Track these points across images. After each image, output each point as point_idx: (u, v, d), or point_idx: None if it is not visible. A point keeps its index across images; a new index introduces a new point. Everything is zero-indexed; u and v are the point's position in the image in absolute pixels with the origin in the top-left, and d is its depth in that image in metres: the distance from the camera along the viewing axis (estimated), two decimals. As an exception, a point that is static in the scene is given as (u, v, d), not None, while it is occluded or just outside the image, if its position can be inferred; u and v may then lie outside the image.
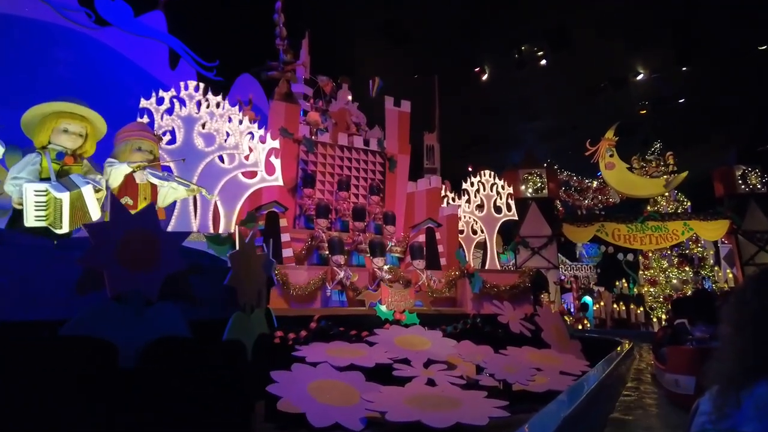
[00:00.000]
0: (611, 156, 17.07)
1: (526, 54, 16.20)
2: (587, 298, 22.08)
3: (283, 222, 7.55)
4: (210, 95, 4.94)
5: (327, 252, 7.71)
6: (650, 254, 19.75)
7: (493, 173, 8.62)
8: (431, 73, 15.41)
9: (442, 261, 8.59)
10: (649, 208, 15.44)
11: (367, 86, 12.05)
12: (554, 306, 11.71)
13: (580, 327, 19.37)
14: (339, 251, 7.05)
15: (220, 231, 6.70)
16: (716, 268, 18.02)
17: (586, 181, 19.19)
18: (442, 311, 7.44)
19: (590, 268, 28.08)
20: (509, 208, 8.59)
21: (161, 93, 4.62)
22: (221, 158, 5.94)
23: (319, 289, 7.06)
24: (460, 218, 9.44)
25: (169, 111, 4.69)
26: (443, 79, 16.25)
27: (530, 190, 13.47)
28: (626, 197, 16.54)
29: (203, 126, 4.99)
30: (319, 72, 10.92)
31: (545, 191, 13.65)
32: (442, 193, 10.22)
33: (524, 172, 13.75)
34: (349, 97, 10.70)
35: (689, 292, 16.08)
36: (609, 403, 4.90)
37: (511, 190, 8.67)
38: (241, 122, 5.95)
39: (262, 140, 7.21)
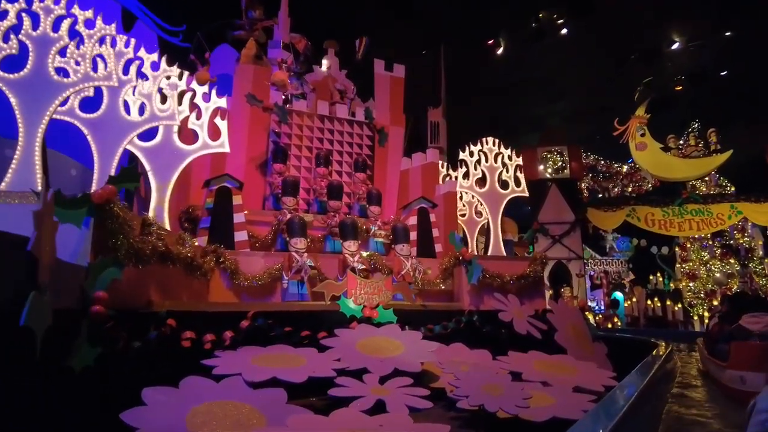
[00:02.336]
0: (643, 135, 15.23)
1: (544, 22, 14.51)
2: (618, 294, 20.24)
3: (237, 199, 6.27)
4: (77, 8, 3.64)
5: (292, 236, 6.39)
6: (688, 245, 17.78)
7: (497, 141, 7.13)
8: (439, 46, 13.92)
9: (438, 248, 7.18)
10: (690, 185, 13.49)
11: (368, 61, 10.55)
12: (577, 302, 10.14)
13: (609, 326, 17.59)
14: (299, 233, 5.72)
15: (152, 208, 5.48)
16: (766, 260, 15.95)
17: (616, 165, 17.35)
18: (431, 307, 6.02)
19: (621, 262, 26.10)
20: (518, 183, 7.10)
21: (4, 4, 3.34)
22: (128, 109, 4.65)
23: (279, 280, 5.76)
24: (460, 197, 8.00)
25: (16, 29, 3.42)
26: (452, 54, 14.75)
27: (549, 170, 11.84)
28: (661, 181, 14.67)
29: (64, 52, 3.67)
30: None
31: (567, 171, 11.99)
32: (443, 171, 8.80)
33: (543, 150, 12.09)
34: (325, 63, 9.33)
35: (735, 287, 14.14)
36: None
37: (520, 160, 7.17)
38: (127, 46, 4.53)
39: (206, 99, 5.95)
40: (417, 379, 4.13)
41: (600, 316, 20.28)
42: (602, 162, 17.21)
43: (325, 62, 8.81)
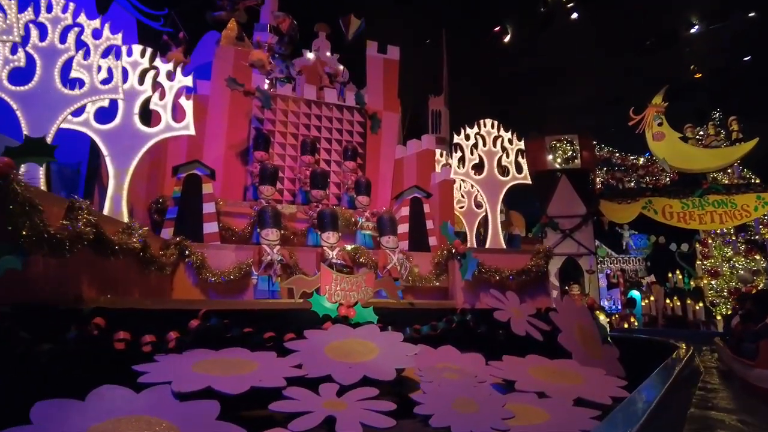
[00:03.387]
0: (660, 125, 14.37)
1: (552, 5, 13.75)
2: (634, 293, 19.36)
3: (207, 188, 5.74)
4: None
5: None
6: (710, 241, 16.83)
7: (496, 123, 6.49)
8: (443, 34, 13.26)
9: (432, 241, 6.56)
10: (711, 176, 12.57)
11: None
12: (586, 300, 9.43)
13: (626, 326, 16.74)
14: (271, 224, 5.15)
15: (108, 197, 4.97)
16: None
17: (632, 157, 16.48)
18: (420, 305, 5.41)
19: (639, 260, 25.11)
20: (520, 169, 6.44)
21: None
22: (69, 84, 4.13)
23: (251, 276, 5.21)
24: (458, 186, 7.37)
25: None
26: (456, 41, 14.09)
27: (559, 160, 11.09)
28: (679, 173, 13.79)
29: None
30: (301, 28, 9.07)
31: (578, 161, 11.23)
32: (443, 160, 8.20)
33: (552, 138, 11.35)
34: (310, 54, 8.75)
35: (762, 285, 13.23)
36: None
37: (522, 144, 6.51)
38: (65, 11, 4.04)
39: (171, 78, 5.41)
40: (391, 388, 3.54)
41: (616, 315, 19.43)
42: (617, 154, 16.37)
43: (310, 55, 8.23)
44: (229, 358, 3.53)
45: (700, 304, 15.67)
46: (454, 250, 5.57)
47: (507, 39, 14.57)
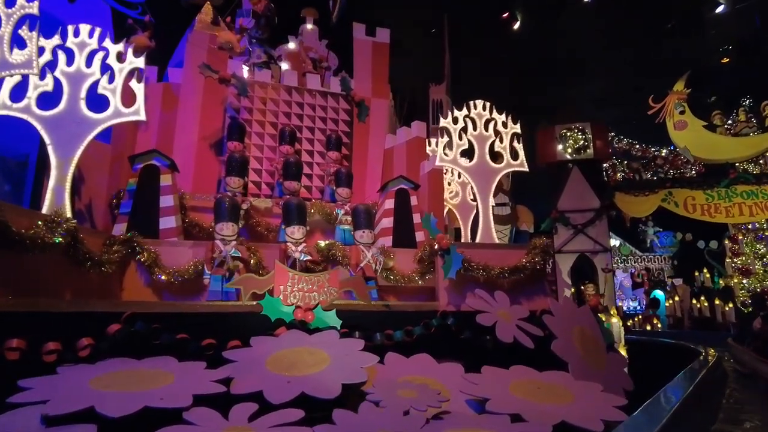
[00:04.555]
0: (682, 113, 13.38)
1: (564, -13, 12.95)
2: (658, 293, 18.35)
3: (165, 180, 5.25)
4: None
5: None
6: (740, 237, 15.71)
7: (489, 105, 5.83)
8: (448, 22, 12.61)
9: (419, 236, 5.94)
10: (738, 165, 11.54)
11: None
12: (604, 301, 8.65)
13: (648, 327, 15.80)
14: (227, 217, 4.62)
15: (50, 188, 4.52)
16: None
17: (653, 149, 15.48)
18: (397, 307, 4.81)
19: (665, 259, 23.91)
20: (515, 155, 5.78)
21: None
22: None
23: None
24: (451, 176, 6.74)
25: None
26: (461, 27, 13.41)
27: (569, 150, 10.28)
28: (703, 163, 12.79)
29: None
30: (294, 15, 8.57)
31: (590, 151, 10.39)
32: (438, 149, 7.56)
33: (562, 127, 10.54)
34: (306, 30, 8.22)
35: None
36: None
37: (518, 128, 5.84)
38: None
39: (121, 58, 4.93)
40: (334, 405, 2.95)
41: (639, 316, 18.41)
42: (637, 146, 15.39)
43: (291, 45, 7.71)
44: (146, 369, 3.01)
45: (731, 305, 14.62)
46: (436, 246, 4.94)
47: (516, 26, 13.78)
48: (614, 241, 23.89)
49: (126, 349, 3.36)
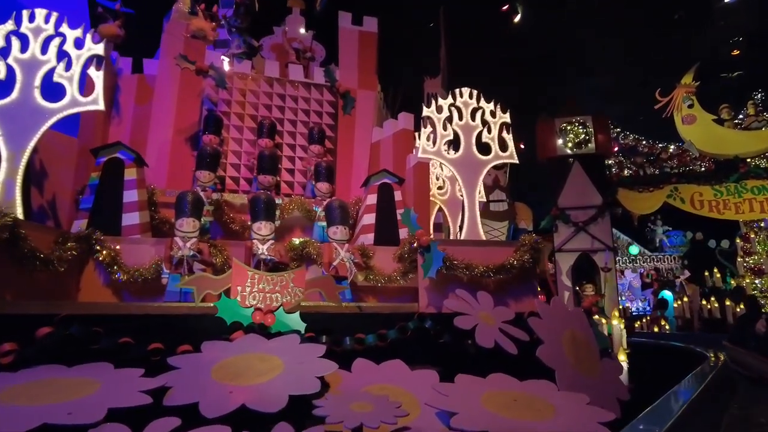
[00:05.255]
0: (690, 107, 12.85)
1: (565, -23, 12.52)
2: (666, 293, 17.85)
3: (130, 174, 4.95)
4: None
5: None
6: (752, 235, 15.16)
7: (476, 93, 5.47)
8: (444, 14, 12.23)
9: (403, 234, 5.59)
10: (749, 161, 11.00)
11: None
12: (603, 302, 8.24)
13: (656, 329, 15.31)
14: (189, 212, 4.32)
15: (0, 181, 4.24)
16: None
17: (659, 145, 14.97)
18: (371, 309, 4.48)
19: (675, 258, 23.34)
20: (504, 147, 5.40)
21: None
22: None
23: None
24: (440, 170, 6.38)
25: None
26: (461, 23, 13.04)
27: (570, 145, 9.86)
28: (713, 159, 12.29)
29: None
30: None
31: (591, 145, 9.94)
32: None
33: (562, 121, 10.11)
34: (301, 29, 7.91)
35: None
36: None
37: (507, 117, 5.47)
38: None
39: (79, 46, 4.64)
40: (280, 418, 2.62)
41: (647, 318, 17.90)
42: (644, 142, 14.88)
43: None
44: (72, 378, 2.70)
45: (742, 306, 14.08)
46: (415, 243, 4.60)
47: (517, 19, 13.38)
48: (626, 241, 23.36)
49: (63, 354, 3.07)
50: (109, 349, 3.18)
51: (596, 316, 5.47)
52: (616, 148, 13.47)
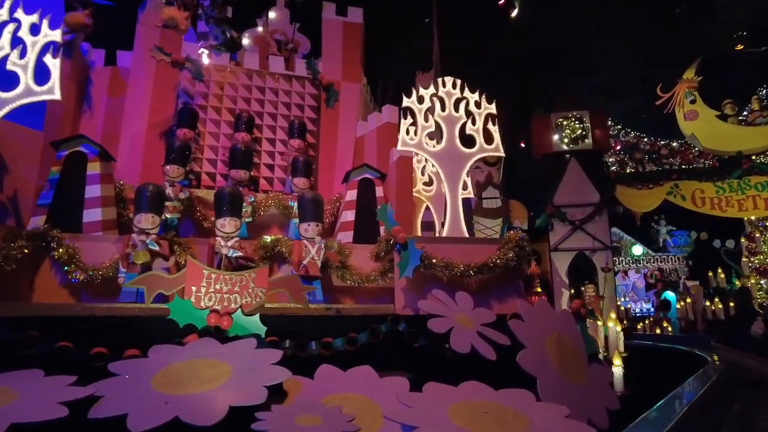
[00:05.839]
0: (693, 102, 12.54)
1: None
2: (669, 294, 17.45)
3: (93, 168, 4.70)
4: None
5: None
6: (757, 234, 14.76)
7: (460, 82, 5.19)
8: (437, 8, 11.94)
9: (384, 231, 5.31)
10: (754, 158, 10.62)
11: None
12: (604, 304, 7.93)
13: (658, 331, 14.91)
14: (149, 207, 4.06)
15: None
16: None
17: (661, 142, 14.62)
18: (342, 311, 4.20)
19: (679, 259, 22.91)
20: (489, 139, 5.12)
21: None
22: None
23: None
24: (424, 164, 6.10)
25: None
26: (457, 18, 12.75)
27: (566, 141, 9.51)
28: (717, 156, 11.94)
29: None
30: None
31: (588, 141, 9.61)
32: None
33: (558, 116, 9.78)
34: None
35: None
36: None
37: (493, 108, 5.18)
38: None
39: (34, 32, 4.38)
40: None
41: (649, 319, 17.50)
42: (645, 140, 14.54)
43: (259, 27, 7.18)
44: (-9, 389, 2.43)
45: (747, 307, 13.68)
46: (391, 240, 4.32)
47: (514, 14, 13.08)
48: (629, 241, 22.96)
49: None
50: (44, 354, 2.92)
51: (590, 319, 5.17)
52: (618, 147, 13.16)
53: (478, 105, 5.18)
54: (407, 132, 4.95)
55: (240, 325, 3.45)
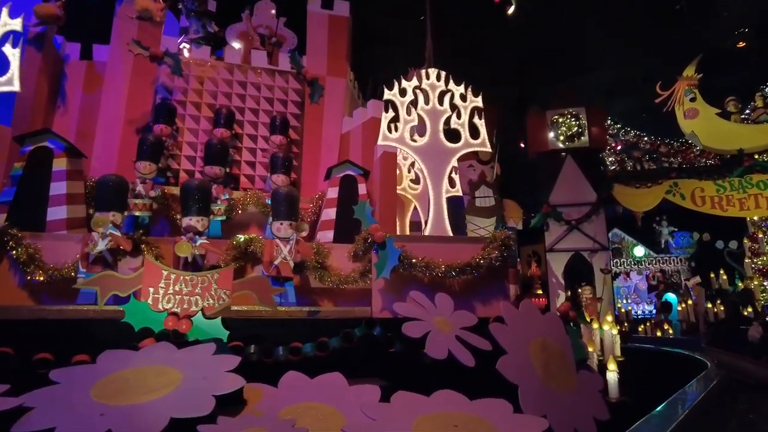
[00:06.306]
0: (693, 100, 12.28)
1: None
2: (670, 296, 17.17)
3: (59, 164, 4.49)
4: None
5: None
6: (761, 235, 14.47)
7: (445, 74, 4.97)
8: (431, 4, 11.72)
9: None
10: (757, 156, 10.33)
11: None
12: (602, 306, 7.67)
13: (659, 334, 14.63)
14: (107, 204, 3.84)
15: None
16: None
17: (664, 141, 14.35)
18: (316, 314, 3.98)
19: (681, 260, 22.63)
20: (475, 134, 4.90)
21: None
22: None
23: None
24: (406, 162, 5.88)
25: None
26: (452, 14, 12.53)
27: (562, 138, 9.26)
28: (718, 155, 11.66)
29: None
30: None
31: (585, 138, 9.35)
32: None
33: (554, 113, 9.53)
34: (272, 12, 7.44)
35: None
36: None
37: (479, 101, 4.96)
38: None
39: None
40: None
41: (650, 321, 17.21)
42: (645, 139, 14.27)
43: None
44: None
45: (750, 309, 13.39)
46: (369, 238, 4.09)
47: (511, 11, 12.86)
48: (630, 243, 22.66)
49: None
50: (-21, 361, 2.71)
51: (583, 323, 4.94)
52: (619, 147, 12.91)
53: (463, 98, 4.96)
54: (389, 126, 4.72)
55: (200, 329, 3.24)
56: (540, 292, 11.74)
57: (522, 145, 14.38)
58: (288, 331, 3.73)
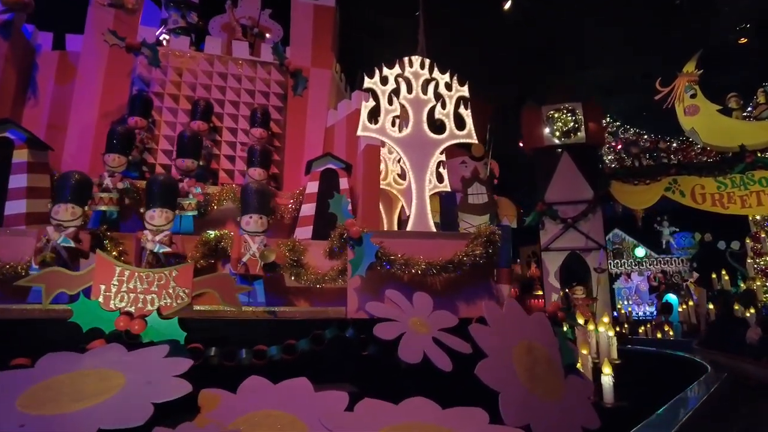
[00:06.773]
0: (693, 97, 12.02)
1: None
2: (671, 297, 16.90)
3: (19, 156, 4.26)
4: None
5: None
6: (763, 235, 14.19)
7: (429, 62, 4.72)
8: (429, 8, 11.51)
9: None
10: (759, 154, 10.05)
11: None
12: (597, 307, 7.42)
13: (659, 335, 14.37)
14: (68, 197, 3.60)
15: None
16: None
17: (663, 138, 14.08)
18: (284, 315, 3.74)
19: (683, 261, 22.37)
20: (461, 125, 4.65)
21: None
22: None
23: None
24: (392, 155, 5.64)
25: None
26: (447, 9, 12.29)
27: (558, 134, 9.00)
28: (719, 152, 11.40)
29: None
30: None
31: (581, 134, 9.07)
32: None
33: (549, 108, 9.27)
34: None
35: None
36: None
37: (465, 91, 4.71)
38: None
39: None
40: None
41: (651, 322, 16.94)
42: (645, 137, 14.01)
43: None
44: None
45: (752, 310, 13.11)
46: (345, 234, 3.85)
47: (507, 6, 12.62)
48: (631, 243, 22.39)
49: None
50: None
51: (577, 324, 4.67)
52: (620, 146, 12.64)
53: (449, 87, 4.72)
54: (369, 116, 4.48)
55: (155, 330, 2.99)
56: (540, 293, 11.49)
57: (521, 144, 14.16)
58: (254, 333, 3.49)
